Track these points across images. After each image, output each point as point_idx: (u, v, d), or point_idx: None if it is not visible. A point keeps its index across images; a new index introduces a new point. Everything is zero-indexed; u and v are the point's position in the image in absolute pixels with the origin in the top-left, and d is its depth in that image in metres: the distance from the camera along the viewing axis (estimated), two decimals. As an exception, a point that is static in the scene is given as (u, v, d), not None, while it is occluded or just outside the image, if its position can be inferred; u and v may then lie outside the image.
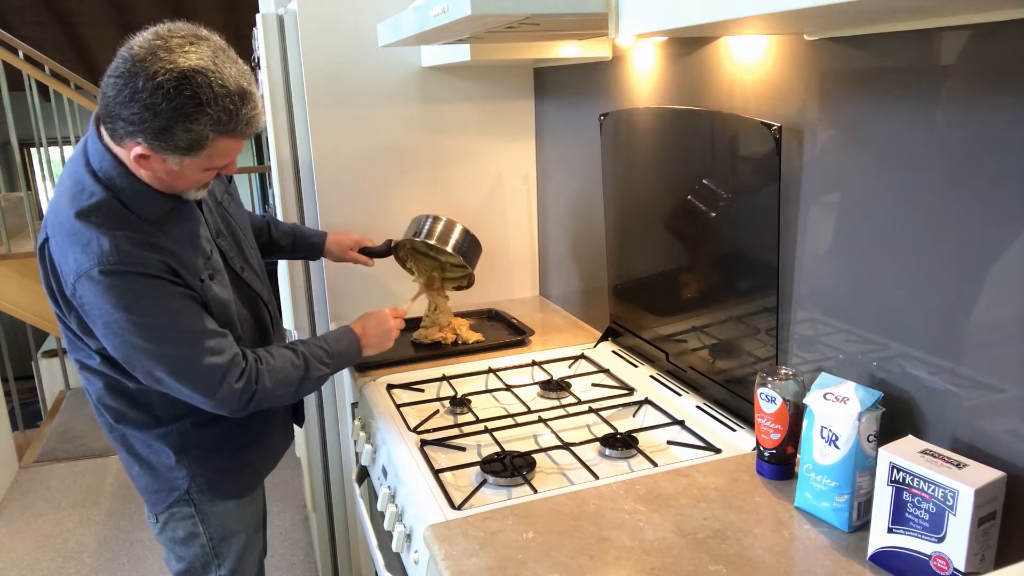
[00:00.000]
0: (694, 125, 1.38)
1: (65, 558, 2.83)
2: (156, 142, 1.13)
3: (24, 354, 4.92)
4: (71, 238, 1.17)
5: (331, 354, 1.41)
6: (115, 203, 1.19)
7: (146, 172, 1.19)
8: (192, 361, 1.21)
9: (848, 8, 0.73)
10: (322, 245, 1.80)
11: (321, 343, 1.41)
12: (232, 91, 1.13)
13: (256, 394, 1.28)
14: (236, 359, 1.26)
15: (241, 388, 1.26)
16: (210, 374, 1.22)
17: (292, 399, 1.38)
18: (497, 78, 2.09)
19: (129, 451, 1.40)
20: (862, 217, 1.07)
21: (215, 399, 1.24)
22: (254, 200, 5.77)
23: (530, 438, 1.39)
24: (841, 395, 1.01)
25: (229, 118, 1.14)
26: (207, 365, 1.22)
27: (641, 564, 0.97)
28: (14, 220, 4.19)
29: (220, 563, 1.46)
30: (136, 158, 1.16)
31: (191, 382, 1.22)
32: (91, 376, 1.34)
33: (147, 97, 1.09)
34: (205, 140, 1.14)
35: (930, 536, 0.87)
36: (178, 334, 1.21)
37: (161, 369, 1.21)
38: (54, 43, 6.09)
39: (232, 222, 1.45)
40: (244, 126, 1.17)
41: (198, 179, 1.23)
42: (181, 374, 1.22)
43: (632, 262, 1.68)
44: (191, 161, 1.17)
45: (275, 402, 1.33)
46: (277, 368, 1.31)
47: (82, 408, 4.29)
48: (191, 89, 1.09)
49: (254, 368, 1.28)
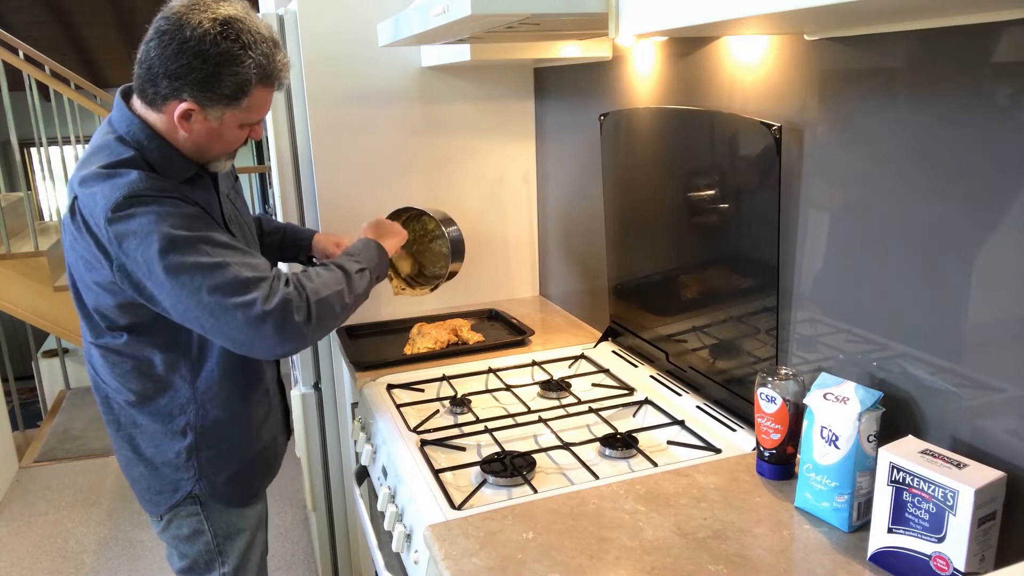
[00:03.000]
0: (694, 125, 1.38)
1: (65, 558, 2.83)
2: (202, 93, 1.18)
3: (24, 354, 4.92)
4: (99, 183, 1.18)
5: (353, 253, 1.42)
6: (143, 162, 1.22)
7: (185, 134, 1.23)
8: (235, 271, 1.19)
9: (848, 8, 0.73)
10: (309, 242, 1.78)
11: (339, 255, 1.42)
12: (267, 37, 1.22)
13: (310, 299, 1.24)
14: (278, 271, 1.26)
15: (293, 293, 1.22)
16: (255, 281, 1.19)
17: (349, 299, 1.32)
18: (497, 78, 2.09)
19: (135, 450, 1.39)
20: (862, 217, 1.07)
21: (272, 311, 1.19)
22: (254, 200, 5.78)
23: (530, 438, 1.39)
24: (841, 395, 1.01)
25: (268, 62, 1.21)
26: (251, 276, 1.20)
27: (641, 564, 0.97)
28: (14, 220, 4.19)
29: (224, 561, 1.47)
30: (179, 118, 1.20)
31: (238, 293, 1.18)
32: (117, 360, 1.32)
33: (195, 45, 1.15)
34: (248, 85, 1.20)
35: (930, 536, 0.87)
36: (216, 246, 1.20)
37: (207, 287, 1.17)
38: (54, 43, 6.10)
39: (238, 215, 1.47)
40: (279, 72, 1.25)
41: (233, 138, 1.28)
42: (226, 288, 1.17)
43: (632, 262, 1.68)
44: (231, 115, 1.23)
45: (335, 306, 1.29)
46: (312, 274, 1.30)
47: (82, 408, 4.29)
48: (235, 33, 1.17)
49: (295, 278, 1.27)
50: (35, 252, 3.82)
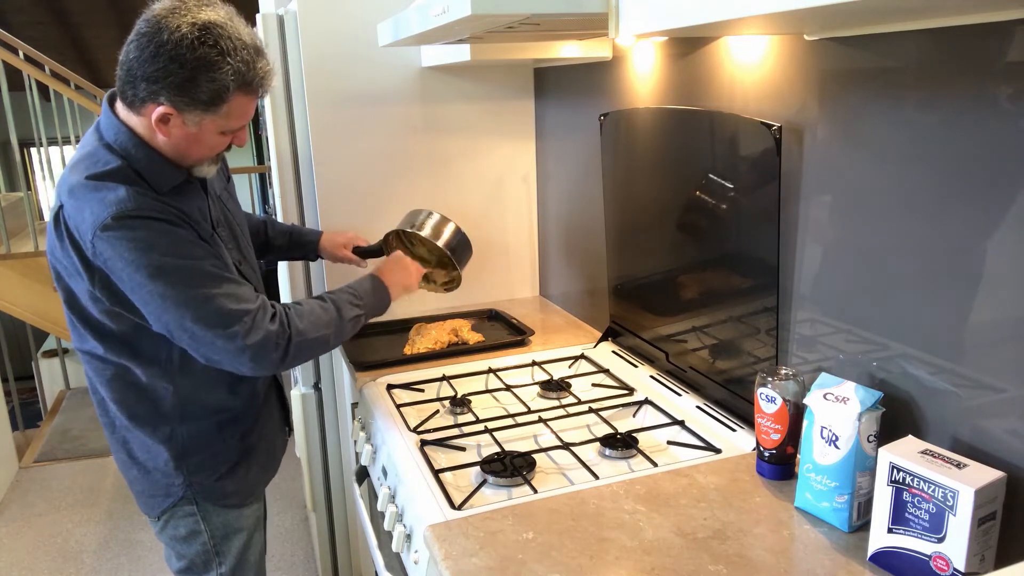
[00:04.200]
0: (694, 125, 1.38)
1: (65, 558, 2.83)
2: (179, 98, 1.17)
3: (24, 354, 4.92)
4: (87, 196, 1.18)
5: (358, 295, 1.41)
6: (130, 171, 1.21)
7: (164, 138, 1.22)
8: (220, 303, 1.19)
9: (848, 8, 0.73)
10: (317, 243, 1.79)
11: (345, 289, 1.42)
12: (248, 44, 1.19)
13: (292, 339, 1.26)
14: (264, 304, 1.25)
15: (276, 331, 1.23)
16: (238, 316, 1.20)
17: (334, 342, 1.36)
18: (497, 78, 2.09)
19: (129, 454, 1.39)
20: (862, 217, 1.07)
21: (251, 346, 1.21)
22: (254, 200, 5.76)
23: (530, 438, 1.39)
24: (841, 395, 1.01)
25: (247, 69, 1.19)
26: (236, 309, 1.20)
27: (641, 564, 0.97)
28: (14, 220, 4.19)
29: (221, 561, 1.46)
30: (157, 122, 1.19)
31: (220, 326, 1.19)
32: (100, 368, 1.33)
33: (171, 49, 1.13)
34: (226, 92, 1.18)
35: (930, 536, 0.87)
36: (203, 277, 1.20)
37: (189, 316, 1.18)
38: (54, 43, 6.10)
39: (230, 217, 1.46)
40: (260, 80, 1.22)
41: (213, 144, 1.26)
42: (211, 319, 1.19)
43: (632, 262, 1.68)
44: (210, 121, 1.21)
45: (316, 348, 1.31)
46: (306, 311, 1.30)
47: (82, 408, 4.29)
48: (212, 39, 1.15)
49: (283, 312, 1.27)
50: (35, 252, 3.82)
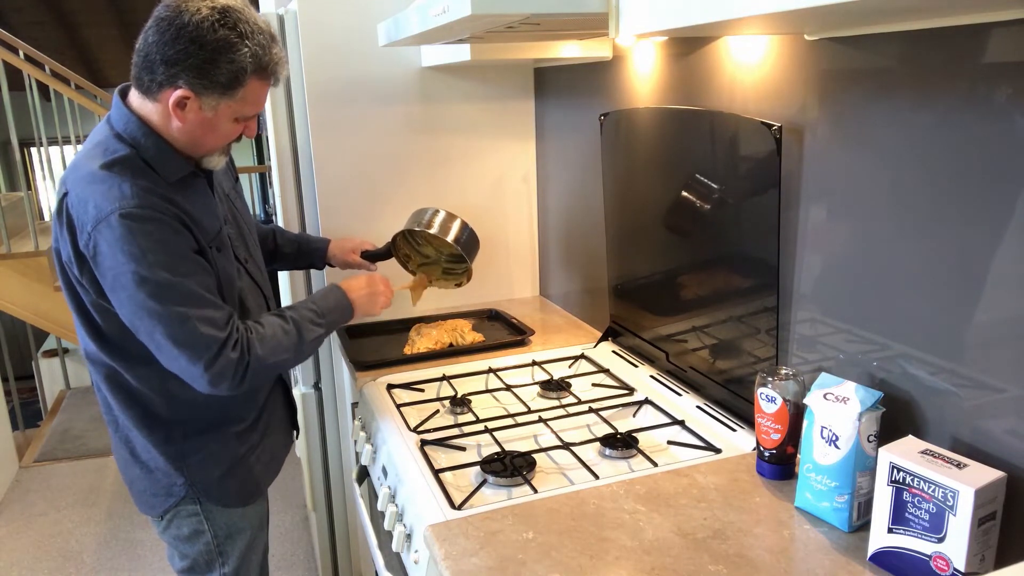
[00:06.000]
0: (694, 125, 1.38)
1: (65, 558, 2.83)
2: (198, 80, 1.19)
3: (24, 354, 4.92)
4: (92, 186, 1.19)
5: (320, 313, 1.41)
6: (138, 160, 1.23)
7: (179, 124, 1.23)
8: (194, 326, 1.20)
9: (848, 8, 0.73)
10: (325, 251, 1.79)
11: (308, 304, 1.42)
12: (263, 29, 1.23)
13: (250, 365, 1.27)
14: (232, 331, 1.26)
15: (235, 359, 1.24)
16: (207, 343, 1.21)
17: (293, 364, 1.38)
18: (497, 78, 2.09)
19: (131, 452, 1.39)
20: (862, 217, 1.07)
21: (211, 371, 1.22)
22: (254, 200, 5.77)
23: (530, 438, 1.39)
24: (841, 395, 1.01)
25: (264, 53, 1.22)
26: (208, 335, 1.21)
27: (641, 564, 0.97)
28: (14, 220, 4.19)
29: (224, 561, 1.46)
30: (174, 106, 1.20)
31: (188, 348, 1.21)
32: (97, 367, 1.34)
33: (192, 31, 1.16)
34: (243, 75, 1.20)
35: (930, 536, 0.87)
36: (186, 296, 1.20)
37: (161, 331, 1.20)
38: (54, 43, 6.11)
39: (237, 215, 1.47)
40: (274, 65, 1.25)
41: (227, 132, 1.28)
42: (180, 339, 1.20)
43: (632, 262, 1.68)
44: (226, 106, 1.23)
45: (274, 371, 1.33)
46: (267, 336, 1.30)
47: (82, 408, 4.30)
48: (232, 21, 1.18)
49: (245, 337, 1.27)
50: (35, 252, 3.82)
